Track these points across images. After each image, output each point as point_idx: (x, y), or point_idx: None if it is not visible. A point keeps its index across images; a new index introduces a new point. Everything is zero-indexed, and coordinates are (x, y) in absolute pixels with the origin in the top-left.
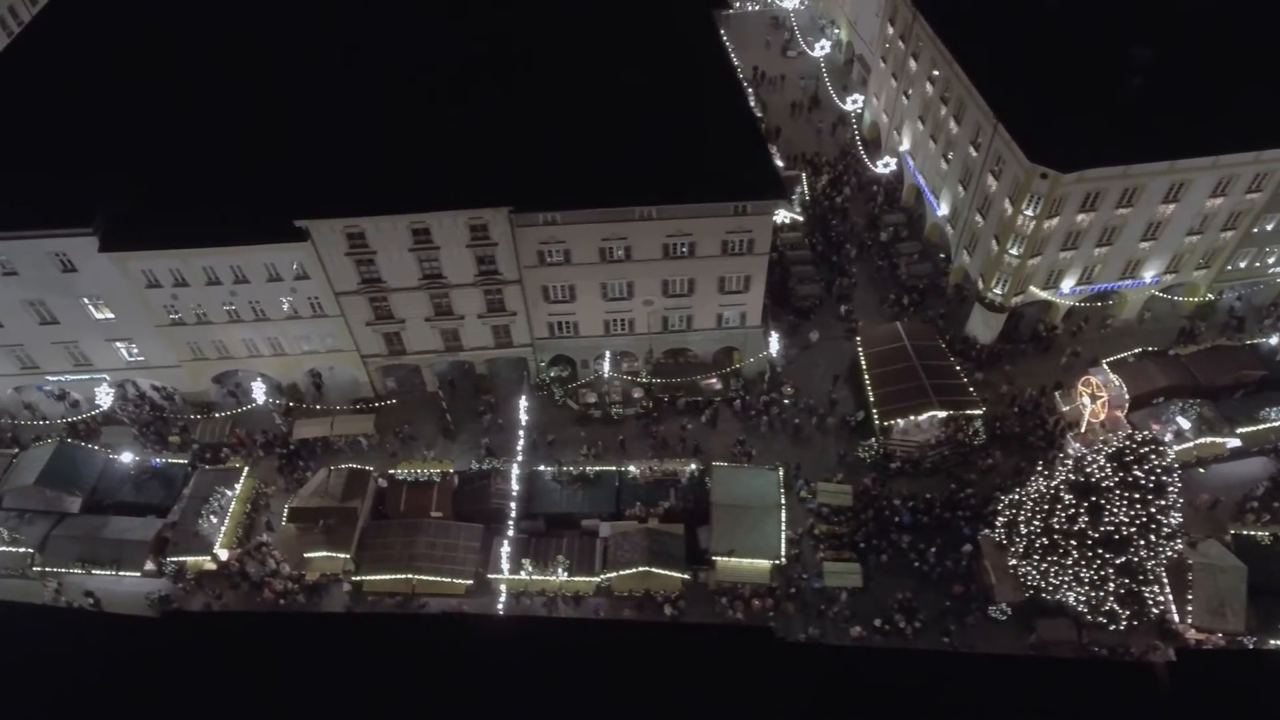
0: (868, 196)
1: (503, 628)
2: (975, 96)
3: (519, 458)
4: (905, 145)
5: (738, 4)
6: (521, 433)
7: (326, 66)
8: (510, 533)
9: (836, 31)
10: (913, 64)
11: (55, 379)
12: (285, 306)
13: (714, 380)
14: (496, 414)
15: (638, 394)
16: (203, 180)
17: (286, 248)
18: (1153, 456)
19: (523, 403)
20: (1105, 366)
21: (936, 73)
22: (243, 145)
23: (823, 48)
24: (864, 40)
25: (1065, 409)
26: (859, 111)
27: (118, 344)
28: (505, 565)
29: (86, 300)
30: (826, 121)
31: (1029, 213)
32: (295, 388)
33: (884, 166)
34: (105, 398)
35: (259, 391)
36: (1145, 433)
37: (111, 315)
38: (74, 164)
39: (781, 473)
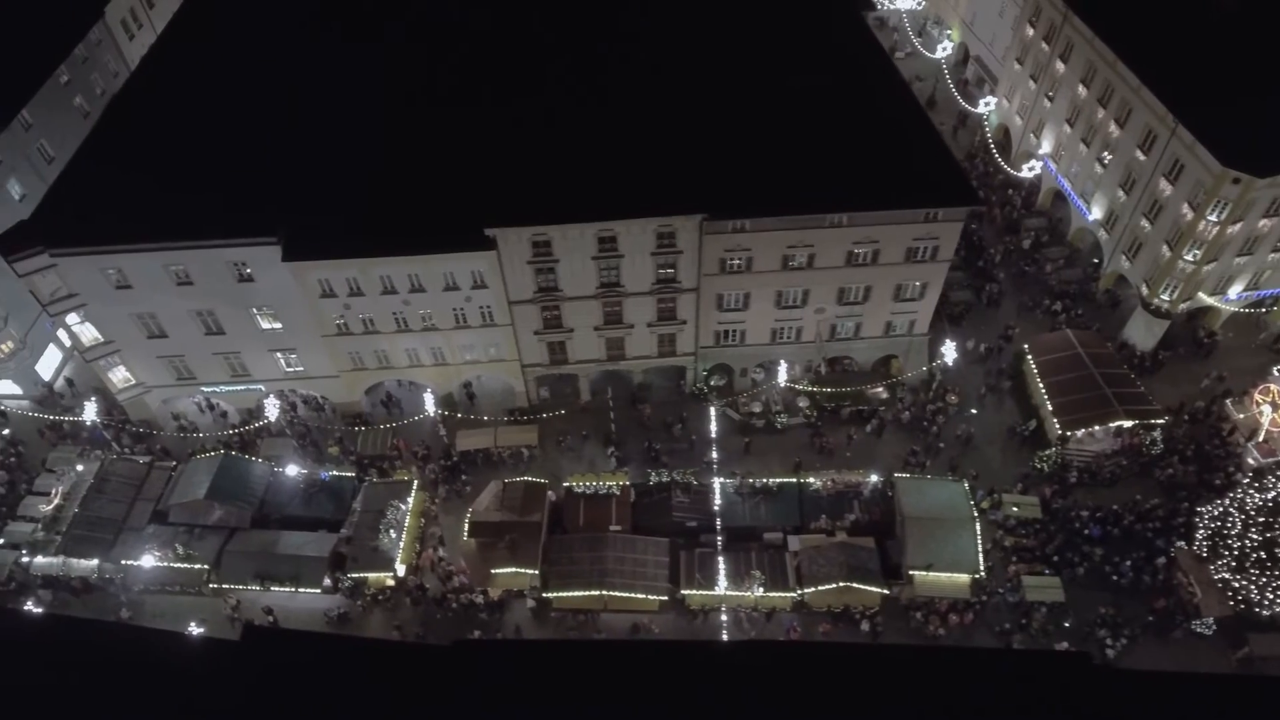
0: (1002, 200)
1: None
2: (1147, 98)
3: (715, 471)
4: (1045, 149)
5: (882, 5)
6: (714, 446)
7: (501, 74)
8: (720, 547)
9: (948, 32)
10: (1059, 66)
11: (209, 390)
12: (456, 316)
13: (880, 389)
14: (689, 427)
15: (803, 403)
16: (375, 189)
17: (471, 256)
18: None
19: (711, 413)
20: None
21: (1094, 74)
22: (414, 152)
23: (944, 48)
24: (982, 41)
25: (1240, 417)
26: (989, 114)
27: (278, 354)
28: (723, 581)
29: (256, 310)
30: (947, 124)
31: (1213, 218)
32: (450, 397)
33: (1029, 170)
34: (272, 410)
35: (429, 403)
36: None
37: (279, 325)
38: (245, 173)
39: (966, 484)
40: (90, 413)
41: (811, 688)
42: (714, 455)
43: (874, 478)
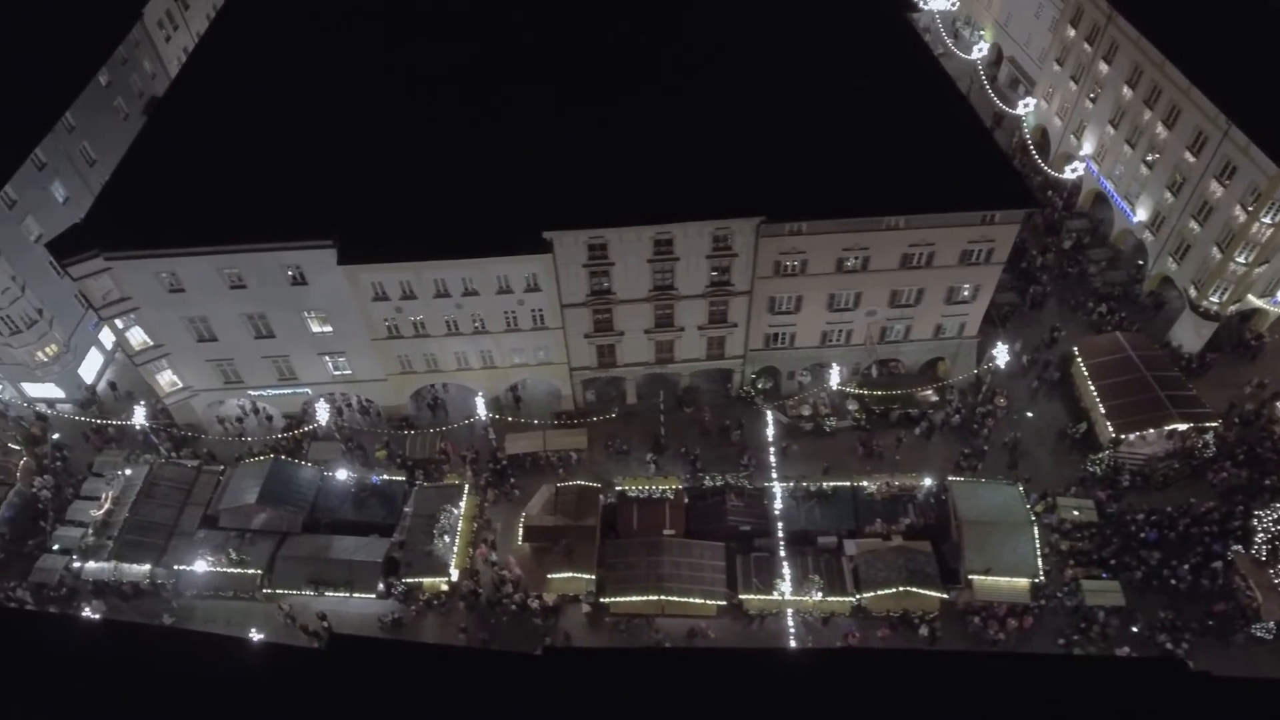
0: (1042, 202)
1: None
2: (1198, 99)
3: (775, 475)
4: (1087, 150)
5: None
6: (771, 451)
7: (556, 75)
8: (781, 551)
9: (980, 32)
10: (1103, 67)
11: (256, 393)
12: (507, 319)
13: (930, 392)
14: (744, 433)
15: (852, 406)
16: (427, 192)
17: (527, 260)
18: None
19: (768, 416)
20: None
21: (1140, 75)
22: (466, 154)
23: (980, 49)
24: (1017, 41)
25: None
26: (1028, 115)
27: (326, 358)
28: (787, 586)
29: (308, 313)
30: None
31: (1267, 220)
32: (497, 400)
33: (1071, 172)
34: (323, 413)
35: (480, 406)
36: None
37: (329, 329)
38: (293, 175)
39: (1021, 487)
40: (140, 417)
41: (920, 699)
42: (772, 459)
43: (927, 481)
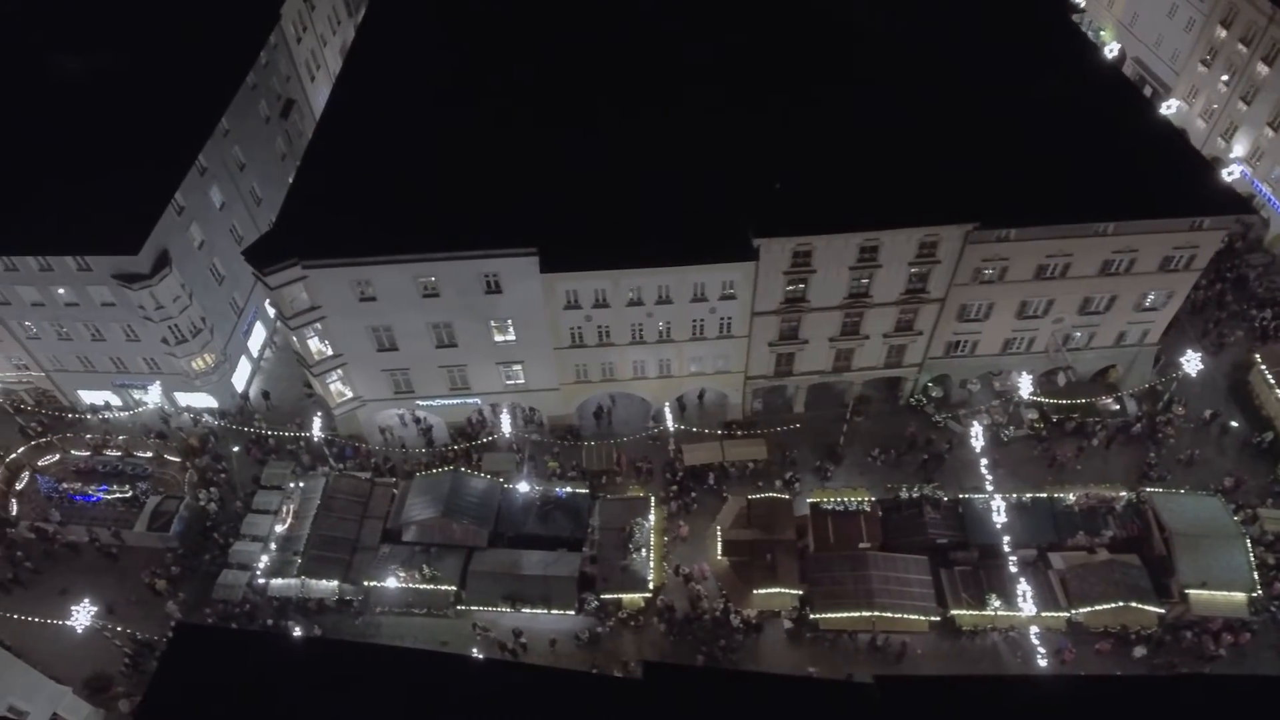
0: None
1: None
2: None
3: (989, 486)
4: (1238, 152)
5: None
6: (984, 462)
7: (758, 81)
8: (1013, 568)
9: (1101, 33)
10: (1262, 68)
11: (425, 403)
12: (694, 327)
13: (1110, 400)
14: (954, 446)
15: (1031, 415)
16: (616, 197)
17: (727, 267)
18: None
19: (975, 428)
20: None
21: None
22: (658, 156)
23: (1111, 51)
24: (1144, 42)
25: None
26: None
27: (501, 367)
28: (1029, 605)
29: (494, 323)
30: None
31: None
32: (664, 410)
33: (1228, 175)
34: (505, 424)
35: (668, 417)
36: None
37: (512, 337)
38: (476, 182)
39: (1221, 498)
40: (317, 428)
41: None
42: (985, 472)
43: (1124, 492)
